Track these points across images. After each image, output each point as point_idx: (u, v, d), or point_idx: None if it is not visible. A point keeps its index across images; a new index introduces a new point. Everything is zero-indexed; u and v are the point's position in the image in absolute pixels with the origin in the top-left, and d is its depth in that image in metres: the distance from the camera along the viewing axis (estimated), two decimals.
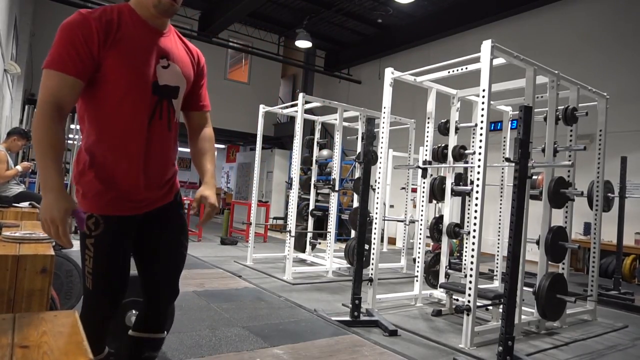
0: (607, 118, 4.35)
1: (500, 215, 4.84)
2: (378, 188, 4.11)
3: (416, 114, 7.04)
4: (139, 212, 1.57)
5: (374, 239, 3.97)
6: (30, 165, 5.25)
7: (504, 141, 4.77)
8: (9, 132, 5.04)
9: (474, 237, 3.15)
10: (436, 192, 4.35)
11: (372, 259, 3.94)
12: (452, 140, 4.32)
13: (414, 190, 5.84)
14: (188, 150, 1.78)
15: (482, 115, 3.15)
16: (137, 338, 1.70)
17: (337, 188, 5.89)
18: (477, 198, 3.12)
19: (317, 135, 6.53)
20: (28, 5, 9.06)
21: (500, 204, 4.88)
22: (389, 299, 4.27)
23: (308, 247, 6.48)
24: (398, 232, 9.14)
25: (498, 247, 4.81)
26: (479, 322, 3.56)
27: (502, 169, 4.85)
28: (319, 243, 7.03)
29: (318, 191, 7.18)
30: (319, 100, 5.97)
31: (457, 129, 4.36)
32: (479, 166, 3.12)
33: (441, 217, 4.39)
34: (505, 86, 4.08)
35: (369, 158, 3.86)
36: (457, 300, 4.06)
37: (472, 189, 3.48)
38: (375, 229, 4.04)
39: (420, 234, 4.40)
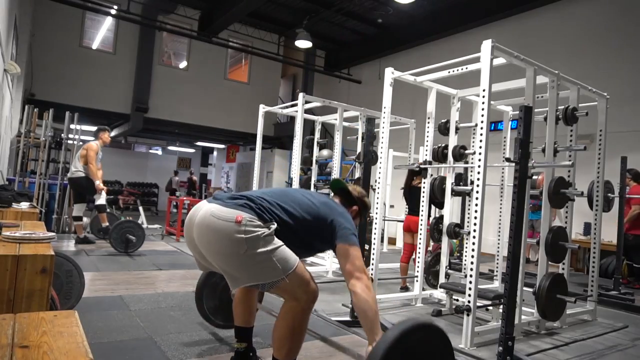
0: (607, 118, 4.35)
1: (500, 215, 4.84)
2: (378, 188, 4.11)
3: (416, 114, 7.03)
4: None
5: (374, 239, 3.97)
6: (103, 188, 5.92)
7: (504, 141, 4.77)
8: (97, 129, 6.05)
9: (474, 237, 3.15)
10: (436, 192, 4.34)
11: (372, 259, 3.94)
12: (452, 140, 4.32)
13: None
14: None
15: (482, 115, 3.15)
16: None
17: None
18: (477, 198, 3.12)
19: (317, 135, 6.52)
20: (28, 5, 9.05)
21: (501, 204, 4.87)
22: (389, 299, 4.27)
23: None
24: (398, 232, 9.13)
25: (498, 247, 4.81)
26: (479, 322, 3.55)
27: (502, 169, 4.85)
28: None
29: (318, 191, 7.17)
30: (319, 100, 5.96)
31: (457, 129, 4.36)
32: (479, 166, 3.12)
33: (441, 217, 4.39)
34: (506, 86, 4.07)
35: (369, 158, 3.87)
36: (457, 300, 4.05)
37: (472, 189, 3.48)
38: (375, 229, 4.04)
39: (421, 234, 4.40)
